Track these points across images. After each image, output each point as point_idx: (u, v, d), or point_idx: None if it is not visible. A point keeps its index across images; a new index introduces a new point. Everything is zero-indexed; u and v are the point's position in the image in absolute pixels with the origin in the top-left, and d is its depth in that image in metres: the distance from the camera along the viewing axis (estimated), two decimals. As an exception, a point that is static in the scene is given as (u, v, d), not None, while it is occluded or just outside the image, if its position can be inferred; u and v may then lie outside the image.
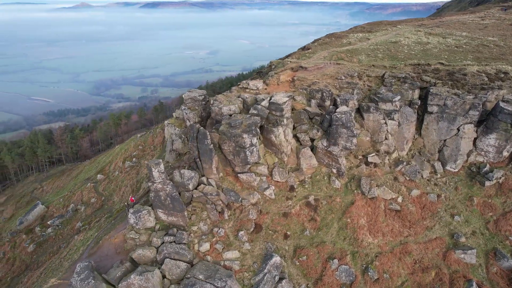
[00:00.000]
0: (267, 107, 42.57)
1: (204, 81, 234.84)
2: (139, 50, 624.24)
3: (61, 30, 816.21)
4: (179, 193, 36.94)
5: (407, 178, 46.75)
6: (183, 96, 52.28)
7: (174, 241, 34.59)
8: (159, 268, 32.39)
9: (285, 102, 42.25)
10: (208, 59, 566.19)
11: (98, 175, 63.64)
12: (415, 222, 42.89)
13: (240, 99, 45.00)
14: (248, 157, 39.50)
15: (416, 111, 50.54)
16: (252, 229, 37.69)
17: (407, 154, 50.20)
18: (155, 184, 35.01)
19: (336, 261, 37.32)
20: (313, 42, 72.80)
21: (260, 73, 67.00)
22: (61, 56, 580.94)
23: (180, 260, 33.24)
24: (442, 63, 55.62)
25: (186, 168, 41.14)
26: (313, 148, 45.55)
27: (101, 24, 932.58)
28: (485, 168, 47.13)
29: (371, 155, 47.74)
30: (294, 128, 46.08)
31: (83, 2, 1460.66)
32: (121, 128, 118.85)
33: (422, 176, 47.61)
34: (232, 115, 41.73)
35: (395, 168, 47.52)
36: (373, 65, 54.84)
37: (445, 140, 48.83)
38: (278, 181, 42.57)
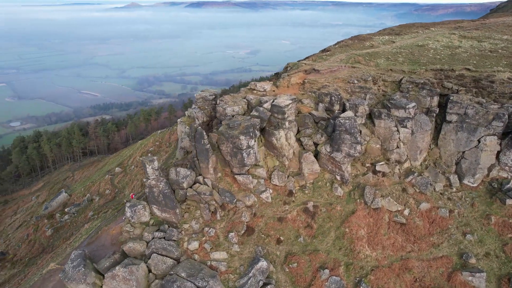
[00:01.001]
0: (269, 110, 42.14)
1: (242, 80, 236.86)
2: (183, 48, 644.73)
3: (112, 29, 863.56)
4: (174, 191, 37.70)
5: (417, 190, 44.09)
6: (195, 95, 53.23)
7: (164, 237, 35.35)
8: (145, 262, 33.28)
9: (287, 105, 41.56)
10: (248, 58, 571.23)
11: (117, 168, 66.73)
12: (421, 238, 40.33)
13: (245, 100, 44.95)
14: (245, 159, 39.37)
15: (433, 119, 47.59)
16: (243, 231, 37.51)
17: (420, 164, 47.36)
18: (149, 181, 36.02)
19: (327, 271, 36.08)
20: (336, 44, 70.93)
21: (277, 74, 66.38)
22: (111, 53, 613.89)
23: (167, 256, 33.91)
24: (468, 69, 51.76)
25: (188, 166, 41.88)
26: (317, 154, 44.46)
27: (148, 23, 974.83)
28: (508, 185, 43.21)
29: (380, 163, 45.63)
30: (298, 131, 45.24)
31: (133, 2, 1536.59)
32: (151, 124, 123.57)
33: (434, 189, 44.65)
34: (234, 116, 41.77)
35: (405, 179, 45.02)
36: (390, 70, 52.32)
37: (463, 152, 45.42)
38: (276, 185, 42.02)
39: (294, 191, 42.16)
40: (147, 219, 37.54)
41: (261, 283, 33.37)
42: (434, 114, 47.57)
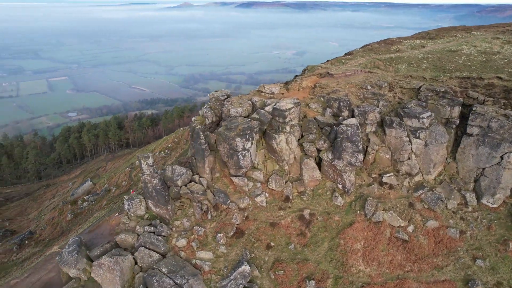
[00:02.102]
0: (270, 113, 41.65)
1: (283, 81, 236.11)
2: (230, 47, 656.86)
3: (164, 27, 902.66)
4: (169, 188, 38.69)
5: (426, 206, 41.08)
6: (208, 95, 54.04)
7: (153, 232, 36.42)
8: (133, 254, 34.53)
9: (289, 109, 40.78)
10: (294, 59, 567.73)
11: (137, 162, 69.77)
12: (423, 258, 37.54)
13: (249, 102, 44.84)
14: (241, 161, 39.28)
15: (453, 131, 44.07)
16: (232, 233, 37.48)
17: (434, 179, 44.06)
18: (144, 176, 37.32)
19: (313, 282, 34.89)
20: (362, 47, 68.21)
21: (297, 77, 65.27)
22: (161, 51, 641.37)
23: (154, 251, 34.88)
24: (500, 78, 47.21)
25: (186, 164, 42.75)
26: (321, 160, 43.14)
27: (199, 22, 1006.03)
28: (534, 209, 38.89)
29: (387, 174, 43.19)
30: (302, 136, 44.21)
31: (186, 2, 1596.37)
32: (183, 120, 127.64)
33: (446, 207, 41.31)
34: (235, 118, 41.84)
35: (414, 193, 42.17)
36: (410, 76, 49.25)
37: (483, 169, 41.51)
38: (273, 189, 41.42)
39: (291, 197, 41.30)
40: (142, 213, 38.90)
41: (241, 287, 33.13)
42: (454, 126, 44.01)
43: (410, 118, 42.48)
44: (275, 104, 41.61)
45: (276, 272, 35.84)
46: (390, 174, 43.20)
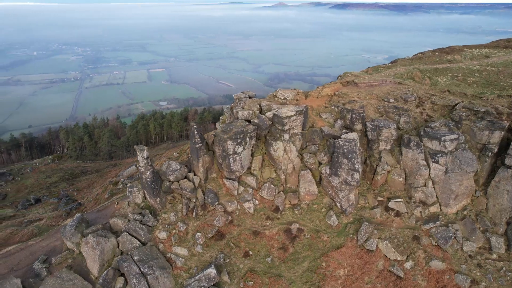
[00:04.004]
0: (270, 119, 40.43)
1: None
2: (319, 48, 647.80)
3: (257, 26, 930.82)
4: (162, 181, 40.56)
5: (434, 243, 35.43)
6: (234, 95, 54.88)
7: (140, 221, 38.63)
8: (116, 238, 37.22)
9: (289, 116, 39.02)
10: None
11: (175, 153, 74.38)
12: (415, 301, 32.57)
13: (257, 105, 44.16)
14: (231, 165, 39.05)
15: (488, 160, 37.10)
16: (211, 235, 37.58)
17: (456, 213, 37.65)
18: (139, 167, 39.76)
19: (279, 300, 33.12)
20: (416, 54, 61.23)
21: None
22: (251, 49, 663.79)
23: (136, 238, 37.04)
24: None
25: (184, 161, 44.17)
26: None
27: (291, 22, 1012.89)
28: None
29: (396, 200, 38.42)
30: (306, 147, 41.89)
31: (280, 2, 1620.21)
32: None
33: (461, 248, 35.07)
34: (236, 120, 41.73)
35: (423, 225, 36.68)
36: (448, 91, 42.67)
37: (519, 210, 34.13)
38: (264, 197, 40.19)
39: (281, 208, 39.59)
40: (139, 201, 41.51)
41: (202, 289, 33.19)
42: (490, 154, 36.98)
43: (430, 139, 36.99)
44: (276, 110, 40.25)
45: (246, 282, 34.95)
46: (399, 200, 38.32)
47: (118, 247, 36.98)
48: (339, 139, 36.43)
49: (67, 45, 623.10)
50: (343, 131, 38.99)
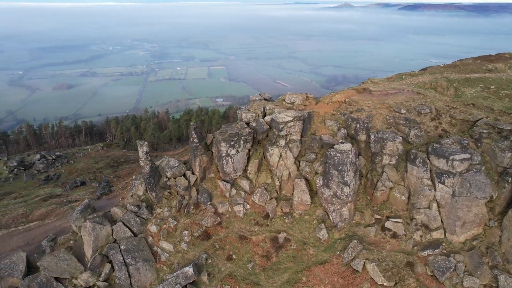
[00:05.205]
0: (268, 123, 39.56)
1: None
2: (383, 51, 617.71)
3: (319, 27, 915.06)
4: (161, 177, 41.94)
5: (429, 273, 31.85)
6: (250, 97, 54.89)
7: (135, 213, 40.42)
8: (112, 226, 39.40)
9: (285, 122, 37.85)
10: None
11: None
12: (395, 333, 29.64)
13: (261, 108, 43.52)
14: (224, 167, 39.03)
15: (508, 185, 32.41)
16: (198, 234, 37.96)
17: (464, 242, 33.43)
18: (140, 161, 41.56)
19: (250, 309, 32.40)
20: (458, 61, 55.42)
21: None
22: (311, 49, 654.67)
23: (129, 228, 38.89)
24: None
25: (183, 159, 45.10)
26: (320, 184, 38.52)
27: (355, 23, 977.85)
28: None
29: (395, 219, 35.33)
30: (305, 154, 40.23)
31: (346, 3, 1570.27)
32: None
33: (461, 283, 31.05)
34: (234, 122, 41.57)
35: (421, 252, 33.16)
36: (472, 104, 37.89)
37: (535, 248, 29.29)
38: (255, 202, 39.48)
39: (271, 215, 38.58)
40: (141, 193, 43.43)
41: (177, 286, 33.68)
42: (511, 179, 32.22)
43: (437, 157, 33.30)
44: (274, 115, 39.29)
45: (223, 285, 34.77)
46: (398, 220, 35.15)
47: (112, 235, 39.11)
48: (331, 149, 34.40)
49: (138, 41, 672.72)
50: (340, 141, 36.68)
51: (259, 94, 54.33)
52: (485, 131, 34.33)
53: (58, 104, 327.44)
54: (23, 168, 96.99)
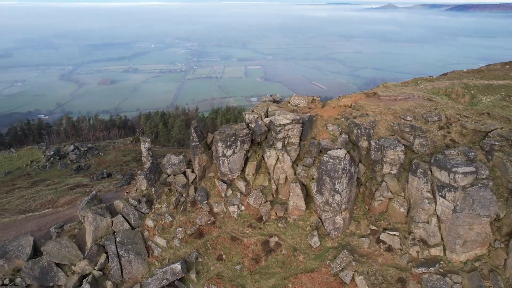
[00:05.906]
0: (266, 124, 39.00)
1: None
2: (426, 55, 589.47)
3: (360, 28, 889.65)
4: (161, 173, 42.81)
5: (421, 292, 29.76)
6: (261, 98, 54.55)
7: (135, 206, 41.59)
8: (112, 218, 40.86)
9: (283, 124, 37.10)
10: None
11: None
12: None
13: (264, 110, 43.03)
14: (220, 167, 39.05)
15: (516, 205, 29.56)
16: (191, 232, 38.29)
17: (465, 262, 30.93)
18: (142, 157, 42.70)
19: (232, 311, 32.15)
20: (485, 66, 51.42)
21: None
22: (351, 51, 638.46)
23: (127, 221, 40.14)
24: None
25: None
26: (317, 190, 37.39)
27: (398, 25, 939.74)
28: None
29: (391, 232, 33.46)
30: (303, 158, 39.20)
31: (390, 3, 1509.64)
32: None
33: (456, 305, 28.71)
34: (234, 123, 41.45)
35: (415, 269, 31.09)
36: (487, 113, 34.86)
37: (541, 276, 26.41)
38: (250, 204, 39.09)
39: (265, 219, 38.00)
40: (144, 188, 44.63)
41: (164, 282, 34.18)
42: (521, 198, 29.31)
43: (439, 168, 31.05)
44: (273, 117, 38.67)
45: (210, 285, 34.83)
46: (394, 233, 33.24)
47: (112, 227, 40.56)
48: (324, 155, 33.20)
49: (179, 39, 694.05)
50: (336, 146, 35.26)
51: (270, 96, 53.75)
52: (497, 143, 31.46)
53: (101, 98, 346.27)
54: (58, 158, 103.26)
